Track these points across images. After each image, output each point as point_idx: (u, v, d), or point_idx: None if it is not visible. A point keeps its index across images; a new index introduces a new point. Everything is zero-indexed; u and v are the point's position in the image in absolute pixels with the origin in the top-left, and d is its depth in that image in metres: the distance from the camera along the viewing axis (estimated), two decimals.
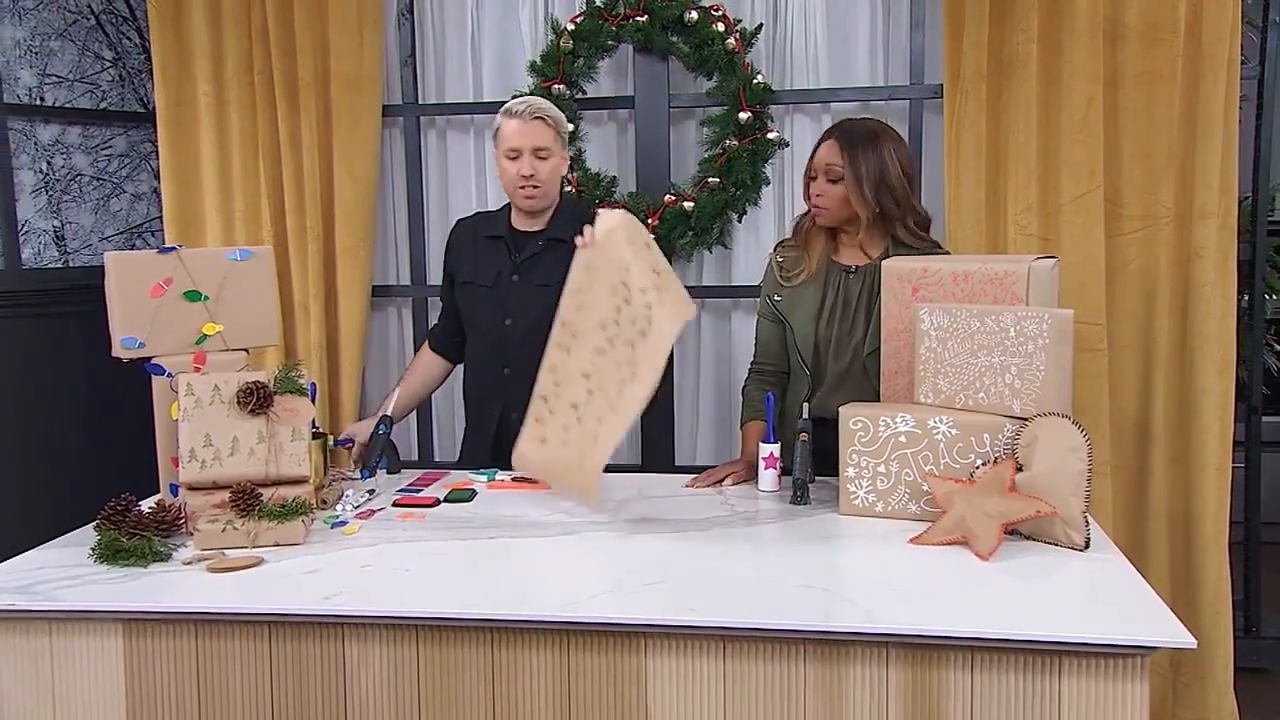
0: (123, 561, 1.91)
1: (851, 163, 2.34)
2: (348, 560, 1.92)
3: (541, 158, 2.52)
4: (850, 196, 2.36)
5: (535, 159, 2.52)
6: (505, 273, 2.62)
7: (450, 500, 2.29)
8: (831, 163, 2.37)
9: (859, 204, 2.36)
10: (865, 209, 2.36)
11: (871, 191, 2.35)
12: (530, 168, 2.51)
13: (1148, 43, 2.91)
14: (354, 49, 3.30)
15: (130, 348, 2.16)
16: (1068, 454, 1.88)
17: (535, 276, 2.58)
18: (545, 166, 2.53)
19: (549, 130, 2.52)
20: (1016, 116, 2.97)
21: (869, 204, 2.36)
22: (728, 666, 1.66)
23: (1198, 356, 2.94)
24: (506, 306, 2.61)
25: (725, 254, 3.40)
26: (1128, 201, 2.97)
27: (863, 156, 2.34)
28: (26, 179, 3.47)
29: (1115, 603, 1.69)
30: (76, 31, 3.58)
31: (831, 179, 2.38)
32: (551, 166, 2.54)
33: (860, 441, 2.10)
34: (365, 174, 3.34)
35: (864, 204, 2.36)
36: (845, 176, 2.35)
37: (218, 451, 2.08)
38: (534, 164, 2.52)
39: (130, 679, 1.78)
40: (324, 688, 1.76)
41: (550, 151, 2.53)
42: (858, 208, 2.36)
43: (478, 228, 2.70)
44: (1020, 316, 1.97)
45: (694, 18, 3.14)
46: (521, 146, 2.51)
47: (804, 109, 3.33)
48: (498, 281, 2.62)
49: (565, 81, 3.23)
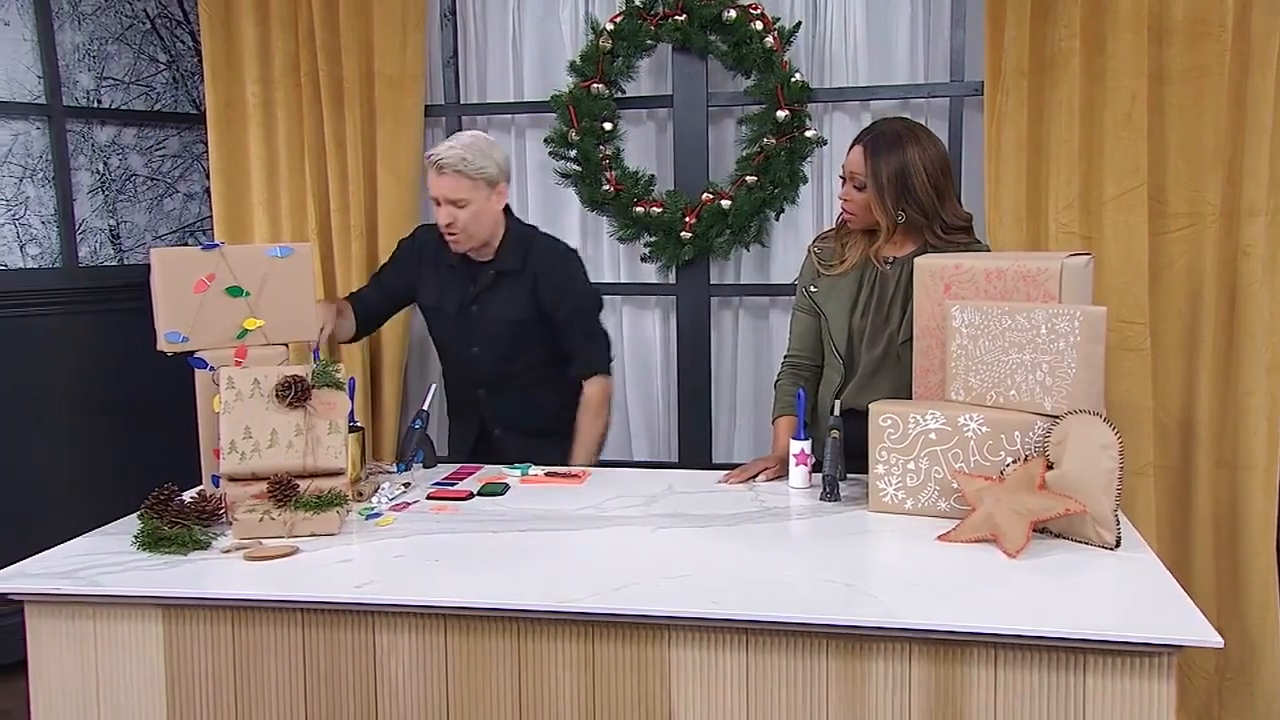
0: (164, 549, 1.96)
1: (874, 173, 2.31)
2: (381, 551, 1.96)
3: (459, 207, 2.57)
4: (871, 205, 2.34)
5: (453, 208, 2.57)
6: (466, 302, 2.71)
7: (483, 494, 2.32)
8: (855, 171, 2.35)
9: (879, 214, 2.33)
10: (886, 219, 2.34)
11: (893, 202, 2.31)
12: (448, 216, 2.58)
13: (1194, 37, 2.86)
14: (397, 50, 3.35)
15: (174, 342, 2.22)
16: (1099, 452, 1.86)
17: (491, 309, 2.68)
18: (463, 215, 2.57)
19: (463, 181, 2.55)
20: (1058, 113, 2.94)
21: (889, 214, 2.33)
22: (750, 659, 1.68)
23: (1244, 356, 2.89)
24: (470, 336, 2.71)
25: (763, 252, 3.41)
26: (1173, 199, 2.93)
27: (885, 165, 2.29)
28: (84, 179, 3.57)
29: (1144, 601, 1.67)
30: (132, 35, 3.67)
31: (856, 186, 2.36)
32: (470, 214, 2.58)
33: (890, 438, 2.09)
34: (408, 173, 3.39)
35: (884, 214, 2.33)
36: (867, 186, 2.33)
37: (257, 443, 2.13)
38: (451, 213, 2.58)
39: (170, 663, 1.84)
40: (355, 674, 1.80)
41: (466, 200, 2.56)
42: (878, 217, 2.34)
43: (440, 247, 2.72)
44: (1051, 314, 1.96)
45: (732, 16, 3.15)
46: (438, 197, 2.59)
47: (843, 107, 3.32)
48: (461, 310, 2.71)
49: (604, 80, 3.25)
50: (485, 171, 2.58)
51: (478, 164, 2.57)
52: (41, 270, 3.46)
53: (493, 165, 2.60)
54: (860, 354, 2.43)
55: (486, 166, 2.59)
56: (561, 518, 2.15)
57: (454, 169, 2.55)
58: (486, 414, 2.78)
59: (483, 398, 2.76)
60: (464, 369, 2.76)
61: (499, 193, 2.63)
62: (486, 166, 2.59)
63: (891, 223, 2.34)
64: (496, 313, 2.67)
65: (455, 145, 2.60)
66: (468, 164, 2.56)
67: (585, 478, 2.45)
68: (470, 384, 2.76)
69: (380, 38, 3.34)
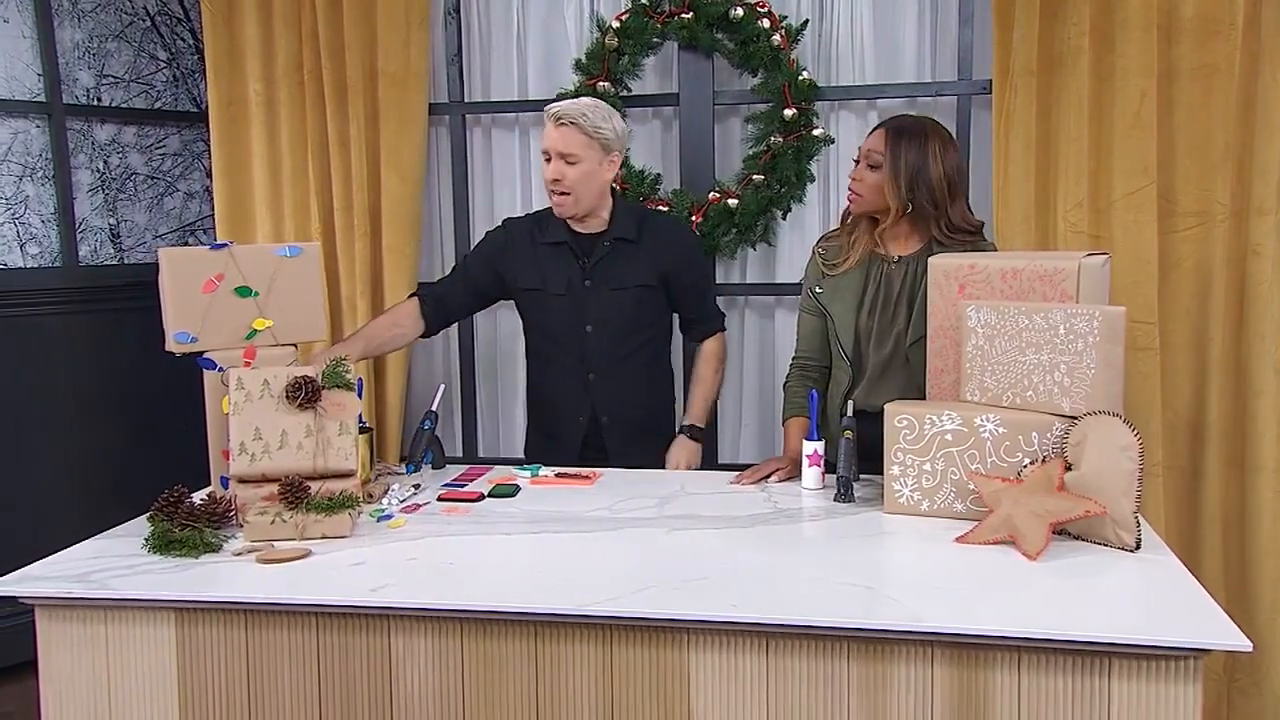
0: (175, 552, 1.94)
1: (893, 153, 2.32)
2: (394, 553, 1.94)
3: (570, 163, 2.48)
4: (884, 186, 2.34)
5: (563, 163, 2.49)
6: (577, 279, 2.60)
7: (494, 495, 2.30)
8: (874, 149, 2.36)
9: (891, 195, 2.34)
10: (896, 200, 2.34)
11: (906, 185, 2.32)
12: (556, 172, 2.49)
13: (1205, 36, 2.85)
14: (401, 48, 3.32)
15: (183, 342, 2.20)
16: (1118, 453, 1.85)
17: (610, 280, 2.59)
18: (572, 172, 2.48)
19: (579, 136, 2.47)
20: (1067, 112, 2.93)
21: (900, 197, 2.33)
22: (770, 663, 1.66)
23: (1254, 356, 2.88)
24: (586, 314, 2.60)
25: (769, 252, 3.39)
26: (1182, 198, 2.92)
27: (905, 150, 2.32)
28: (84, 178, 3.54)
29: (1167, 604, 1.66)
30: (132, 33, 3.64)
31: (871, 164, 2.37)
32: (580, 173, 2.49)
33: (905, 439, 2.08)
34: (412, 172, 3.37)
35: (895, 195, 2.33)
36: (884, 165, 2.34)
37: (267, 445, 2.11)
38: (560, 168, 2.49)
39: (182, 667, 1.82)
40: (370, 678, 1.78)
41: (578, 158, 2.48)
42: (889, 198, 2.34)
43: (534, 232, 2.66)
44: (1070, 314, 1.95)
45: (739, 14, 3.13)
46: (550, 150, 2.50)
47: (849, 105, 3.31)
48: (570, 288, 2.60)
49: (610, 79, 3.23)
50: (602, 132, 2.50)
51: (596, 122, 2.49)
52: (41, 270, 3.43)
53: (611, 130, 2.52)
54: (868, 355, 2.42)
55: (604, 129, 2.51)
56: (575, 519, 2.13)
57: (571, 120, 2.47)
58: (597, 400, 2.64)
59: (593, 382, 2.63)
60: (574, 352, 2.63)
61: (611, 161, 2.54)
62: (604, 129, 2.51)
63: (901, 205, 2.34)
64: (617, 282, 2.59)
65: (578, 101, 2.54)
66: (587, 120, 2.48)
67: (595, 479, 2.43)
68: (580, 369, 2.63)
69: (384, 35, 3.32)
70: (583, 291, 2.60)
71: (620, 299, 2.60)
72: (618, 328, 2.62)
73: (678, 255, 2.65)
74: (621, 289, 2.60)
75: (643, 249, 2.61)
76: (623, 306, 2.61)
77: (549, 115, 2.50)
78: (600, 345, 2.62)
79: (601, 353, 2.62)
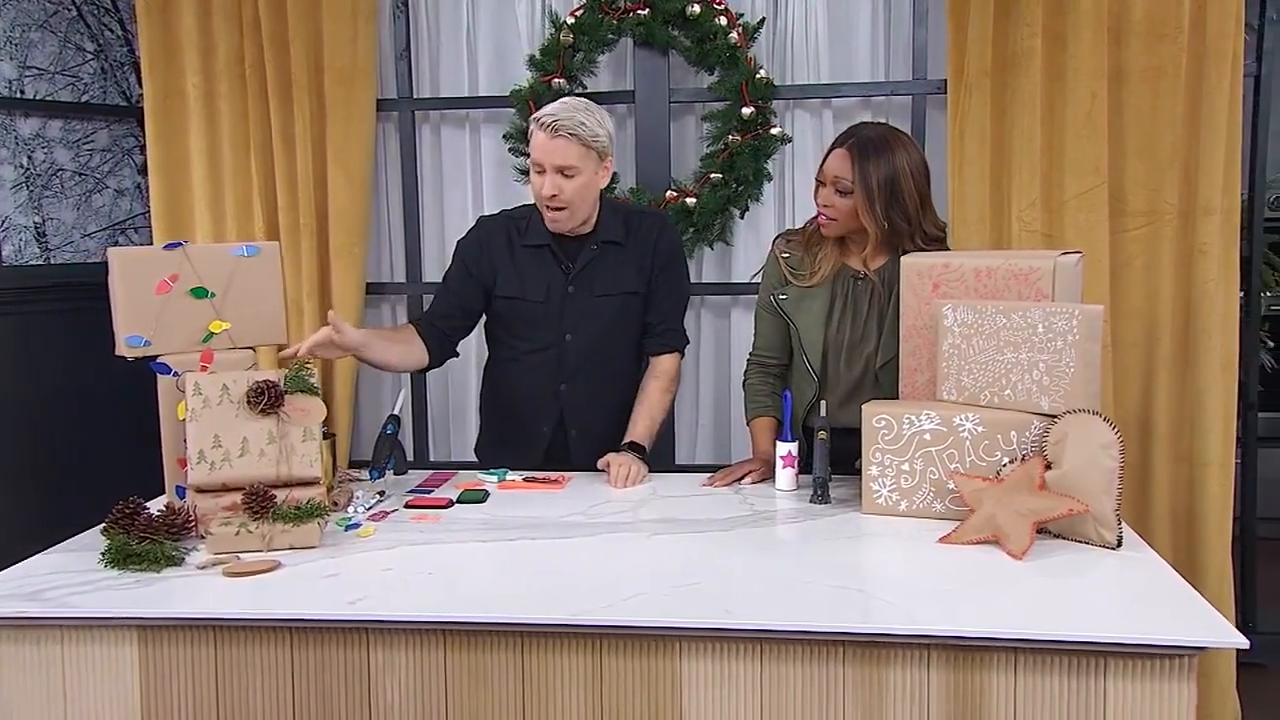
0: (134, 566, 1.85)
1: (863, 178, 2.25)
2: (367, 563, 1.88)
3: (567, 176, 2.32)
4: (859, 213, 2.28)
5: (560, 177, 2.32)
6: (558, 285, 2.46)
7: (463, 501, 2.24)
8: (841, 175, 2.28)
9: (868, 221, 2.28)
10: (874, 226, 2.28)
11: (882, 209, 2.26)
12: (553, 187, 2.32)
13: (1152, 39, 2.91)
14: (348, 42, 3.23)
15: (135, 346, 2.10)
16: (1099, 451, 1.87)
17: (595, 287, 2.46)
18: (570, 186, 2.33)
19: (578, 147, 2.30)
20: (1021, 112, 2.96)
21: (879, 222, 2.28)
22: (765, 669, 1.63)
23: (1201, 353, 2.94)
24: (565, 321, 2.47)
25: (725, 251, 3.37)
26: (1131, 198, 2.97)
27: (874, 172, 2.24)
28: (7, 174, 3.37)
29: (1158, 602, 1.67)
30: (57, 23, 3.48)
31: (840, 191, 2.29)
32: (578, 186, 2.33)
33: (884, 439, 2.07)
34: (359, 170, 3.28)
35: (873, 221, 2.28)
36: (855, 192, 2.27)
37: (227, 452, 2.02)
38: (557, 183, 2.32)
39: (145, 688, 1.73)
40: (348, 695, 1.71)
41: (577, 170, 2.31)
42: (866, 225, 2.29)
43: (512, 233, 2.50)
44: (1049, 312, 1.96)
45: (696, 11, 3.10)
46: (544, 163, 2.32)
47: (804, 104, 3.30)
48: (550, 295, 2.46)
49: (565, 75, 3.18)
50: (599, 140, 2.34)
51: (594, 130, 2.33)
52: None
53: (606, 135, 2.36)
54: (836, 371, 2.40)
55: (600, 134, 2.34)
56: (550, 525, 2.08)
57: (570, 132, 2.29)
58: (567, 412, 2.51)
59: (564, 393, 2.50)
60: (548, 361, 2.48)
61: (605, 167, 2.39)
62: (600, 134, 2.34)
63: (879, 230, 2.28)
64: (603, 288, 2.45)
65: (569, 106, 2.35)
66: (585, 129, 2.30)
67: (565, 482, 2.39)
68: (553, 377, 2.49)
69: (330, 30, 3.22)
70: (564, 298, 2.46)
71: (604, 306, 2.47)
72: (598, 336, 2.49)
73: (666, 256, 2.52)
74: (607, 295, 2.47)
75: (630, 251, 2.49)
76: (606, 314, 2.48)
77: (542, 125, 2.32)
78: (578, 354, 2.48)
79: (578, 362, 2.49)
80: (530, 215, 2.50)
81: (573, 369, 2.49)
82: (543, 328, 2.48)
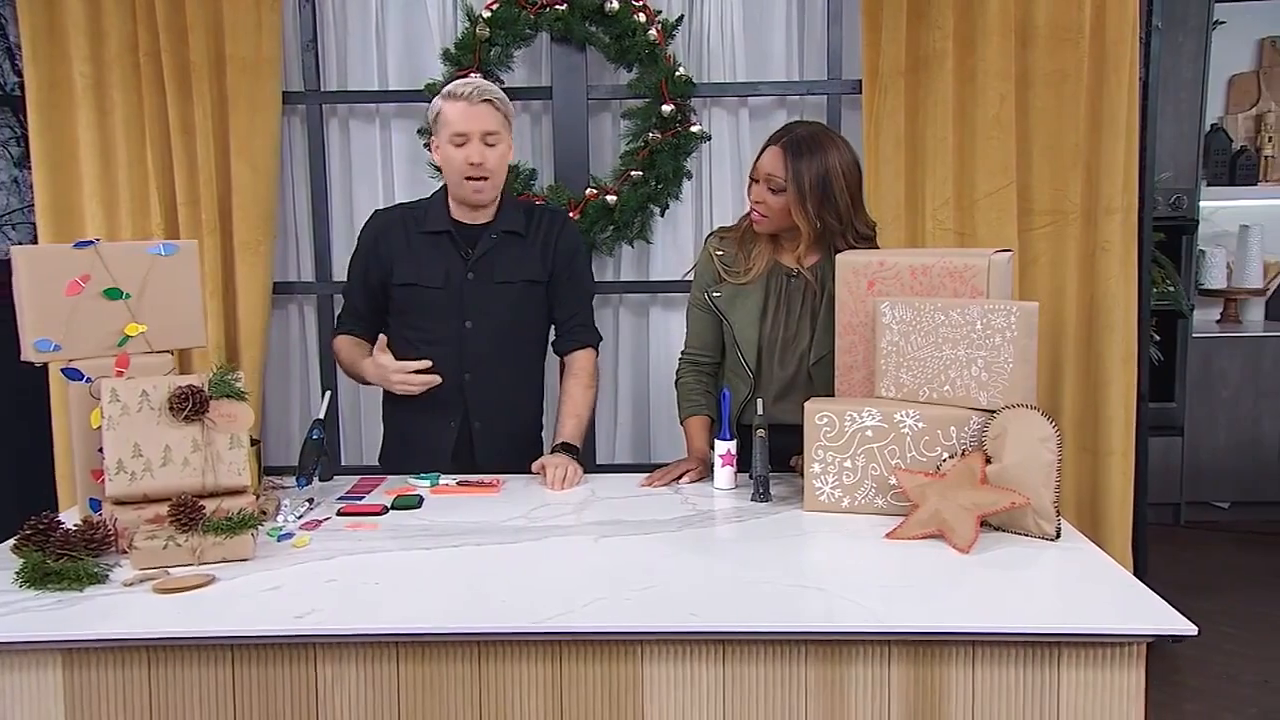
0: (53, 586, 1.73)
1: (795, 177, 2.26)
2: (308, 575, 1.80)
3: (490, 144, 2.36)
4: (791, 210, 2.30)
5: (484, 145, 2.36)
6: (457, 272, 2.45)
7: (398, 507, 2.17)
8: (773, 173, 2.29)
9: (800, 219, 2.30)
10: (806, 224, 2.30)
11: (814, 208, 2.28)
12: (479, 154, 2.35)
13: (1055, 43, 3.01)
14: (251, 31, 3.10)
15: (44, 351, 1.97)
16: (1037, 445, 1.91)
17: (494, 274, 2.46)
18: (494, 154, 2.38)
19: (497, 114, 2.37)
20: (934, 113, 3.03)
21: (811, 220, 2.29)
22: (727, 671, 1.62)
23: (1105, 347, 3.06)
24: (465, 308, 2.45)
25: (643, 249, 3.35)
26: (1038, 197, 3.07)
27: (807, 171, 2.26)
28: None
29: (1104, 592, 1.72)
30: None
31: (773, 189, 2.30)
32: (499, 155, 2.39)
33: (825, 437, 2.08)
34: (265, 164, 3.15)
35: (804, 219, 2.29)
36: (787, 190, 2.28)
37: (148, 462, 1.91)
38: (482, 151, 2.35)
39: (71, 715, 1.62)
40: (294, 714, 1.64)
41: (499, 137, 2.38)
42: (799, 223, 2.30)
43: (408, 222, 2.49)
44: (987, 309, 1.99)
45: (615, 8, 3.07)
46: (469, 131, 2.34)
47: (721, 103, 3.31)
48: (449, 282, 2.45)
49: (481, 70, 3.11)
50: (510, 111, 2.43)
51: (505, 100, 2.42)
52: None
53: (512, 111, 2.45)
54: (771, 370, 2.41)
55: (509, 109, 2.43)
56: (493, 530, 2.03)
57: (488, 98, 2.36)
58: (471, 404, 2.48)
59: (468, 384, 2.46)
60: (450, 350, 2.44)
61: (511, 143, 2.47)
62: (509, 109, 2.43)
63: (812, 228, 2.30)
64: (503, 276, 2.45)
65: (474, 79, 2.44)
66: (499, 98, 2.39)
67: (500, 486, 2.33)
68: (457, 368, 2.44)
69: (231, 18, 3.09)
70: (463, 285, 2.45)
71: (504, 294, 2.47)
72: (499, 325, 2.48)
73: (567, 252, 2.53)
74: (507, 283, 2.47)
75: (531, 242, 2.50)
76: (506, 302, 2.47)
77: (459, 96, 2.35)
78: (479, 343, 2.46)
79: (481, 352, 2.47)
80: (429, 205, 2.53)
81: (475, 359, 2.47)
82: (442, 316, 2.46)
